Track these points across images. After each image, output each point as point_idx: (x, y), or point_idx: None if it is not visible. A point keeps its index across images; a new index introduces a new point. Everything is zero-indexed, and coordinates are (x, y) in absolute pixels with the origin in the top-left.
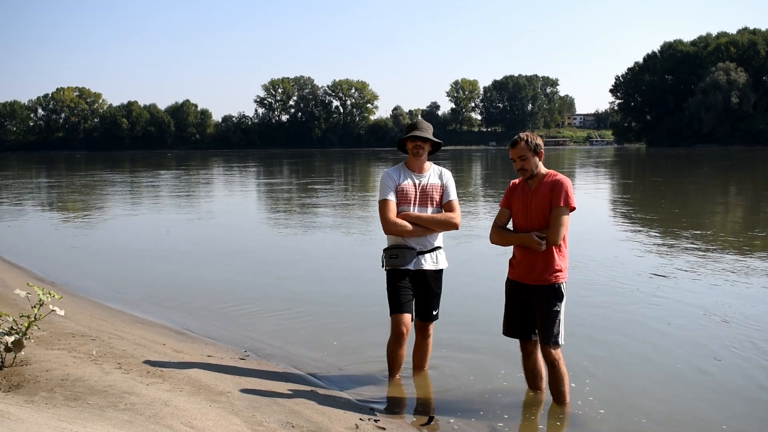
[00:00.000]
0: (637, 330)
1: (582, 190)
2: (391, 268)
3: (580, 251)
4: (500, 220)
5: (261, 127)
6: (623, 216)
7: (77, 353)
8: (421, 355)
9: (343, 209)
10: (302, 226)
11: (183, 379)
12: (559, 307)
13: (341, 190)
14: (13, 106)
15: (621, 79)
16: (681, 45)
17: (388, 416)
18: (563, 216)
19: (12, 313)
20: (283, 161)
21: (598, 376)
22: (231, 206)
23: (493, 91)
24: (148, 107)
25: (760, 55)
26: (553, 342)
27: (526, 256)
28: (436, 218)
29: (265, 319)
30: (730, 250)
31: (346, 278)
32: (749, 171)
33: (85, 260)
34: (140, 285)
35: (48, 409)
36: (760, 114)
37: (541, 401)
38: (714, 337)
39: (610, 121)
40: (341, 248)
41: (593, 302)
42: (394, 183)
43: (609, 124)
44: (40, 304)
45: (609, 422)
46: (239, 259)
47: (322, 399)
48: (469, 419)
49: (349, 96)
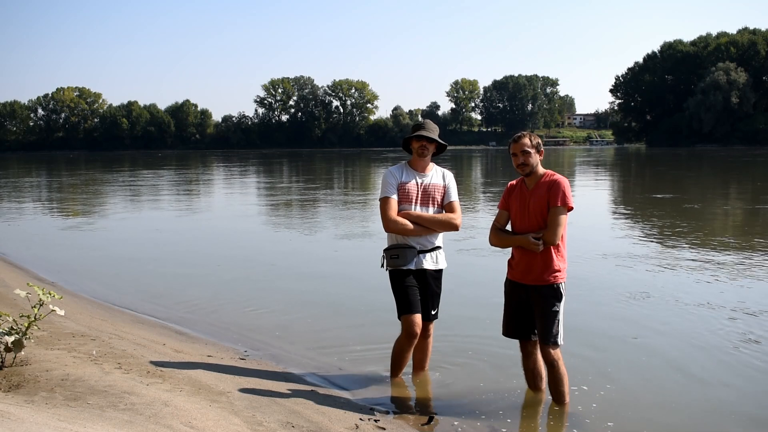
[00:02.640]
0: (636, 330)
1: (582, 190)
2: (392, 268)
3: (581, 248)
4: (499, 222)
5: (261, 127)
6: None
7: (77, 353)
8: (421, 354)
9: (344, 209)
10: (302, 225)
11: (183, 379)
12: (558, 308)
13: (341, 190)
14: (13, 106)
15: (621, 79)
16: (681, 45)
17: (388, 416)
18: (561, 216)
19: (12, 313)
20: (269, 162)
21: (598, 376)
22: (231, 206)
23: (493, 91)
24: (148, 107)
25: (760, 55)
26: (553, 342)
27: (524, 257)
28: (437, 218)
29: (265, 319)
30: (731, 250)
31: (347, 278)
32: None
33: (84, 260)
34: (140, 285)
35: (48, 409)
36: (760, 114)
37: (541, 401)
38: (715, 338)
39: (610, 121)
40: (341, 248)
41: (592, 302)
42: (396, 181)
43: (609, 124)
44: (40, 304)
45: (608, 422)
46: (239, 259)
47: (322, 399)
48: (469, 419)
49: (349, 96)
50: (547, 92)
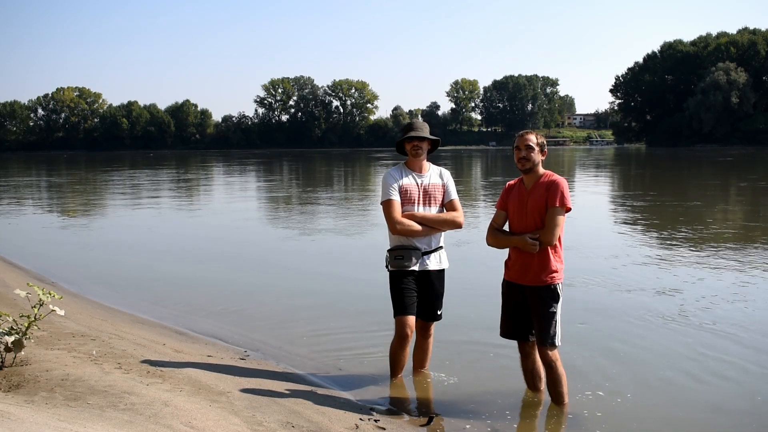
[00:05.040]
0: (636, 330)
1: (582, 190)
2: (396, 269)
3: (579, 248)
4: (496, 222)
5: (261, 127)
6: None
7: (77, 353)
8: (421, 355)
9: (344, 209)
10: (302, 226)
11: (183, 379)
12: (555, 308)
13: (341, 191)
14: (13, 106)
15: (621, 79)
16: (681, 45)
17: (388, 416)
18: (559, 216)
19: (12, 313)
20: (251, 163)
21: (598, 376)
22: (230, 206)
23: (493, 91)
24: (148, 107)
25: (760, 55)
26: (550, 343)
27: (521, 257)
28: (442, 217)
29: (265, 319)
30: (731, 249)
31: (347, 278)
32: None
33: (84, 260)
34: (140, 285)
35: (48, 409)
36: (760, 114)
37: (540, 402)
38: (716, 339)
39: (610, 121)
40: (341, 248)
41: (592, 301)
42: (396, 183)
43: (609, 124)
44: (40, 304)
45: (608, 422)
46: (239, 259)
47: (322, 399)
48: (469, 419)
49: (349, 96)
50: (547, 92)
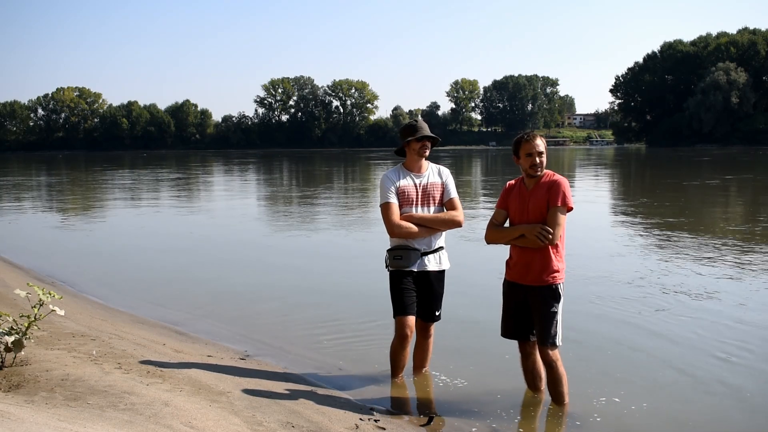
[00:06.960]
0: (636, 330)
1: (583, 189)
2: (395, 269)
3: (579, 248)
4: (496, 220)
5: (261, 127)
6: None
7: (77, 353)
8: (422, 355)
9: (344, 209)
10: (302, 226)
11: (183, 379)
12: (556, 308)
13: (341, 191)
14: (13, 106)
15: (621, 79)
16: (681, 45)
17: (388, 416)
18: (560, 216)
19: (12, 313)
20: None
21: (598, 376)
22: (230, 207)
23: (493, 91)
24: (148, 107)
25: (760, 55)
26: (551, 343)
27: (522, 257)
28: (440, 217)
29: (265, 319)
30: (732, 248)
31: (347, 278)
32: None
33: (84, 260)
34: (140, 285)
35: (48, 409)
36: (760, 114)
37: (541, 401)
38: (716, 339)
39: (610, 121)
40: (341, 248)
41: (591, 302)
42: (394, 185)
43: (609, 124)
44: (40, 304)
45: (608, 423)
46: (239, 259)
47: (322, 399)
48: (469, 419)
49: (349, 96)
50: (547, 92)
